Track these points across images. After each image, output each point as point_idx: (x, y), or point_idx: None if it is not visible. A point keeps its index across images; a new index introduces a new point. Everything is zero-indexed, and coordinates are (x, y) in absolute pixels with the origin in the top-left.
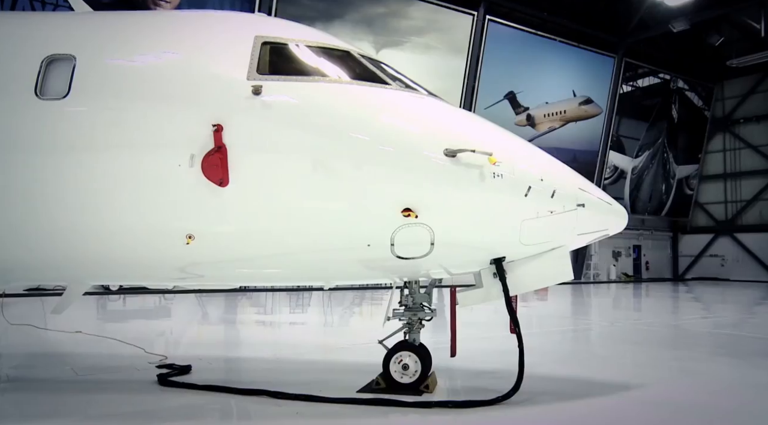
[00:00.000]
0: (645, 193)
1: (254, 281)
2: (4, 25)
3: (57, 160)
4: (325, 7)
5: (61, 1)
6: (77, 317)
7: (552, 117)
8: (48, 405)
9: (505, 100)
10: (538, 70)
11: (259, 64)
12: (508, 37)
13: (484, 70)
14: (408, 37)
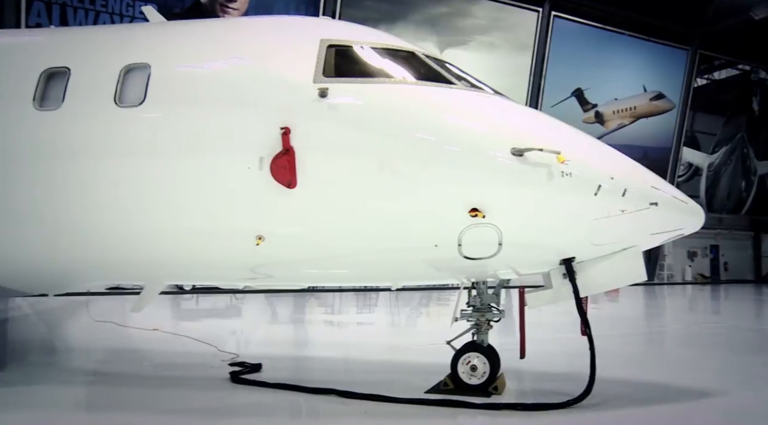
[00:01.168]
0: (723, 190)
1: (322, 281)
2: (87, 39)
3: (135, 165)
4: (388, 8)
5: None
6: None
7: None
8: (129, 398)
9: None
10: (606, 66)
11: (324, 67)
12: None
13: (550, 68)
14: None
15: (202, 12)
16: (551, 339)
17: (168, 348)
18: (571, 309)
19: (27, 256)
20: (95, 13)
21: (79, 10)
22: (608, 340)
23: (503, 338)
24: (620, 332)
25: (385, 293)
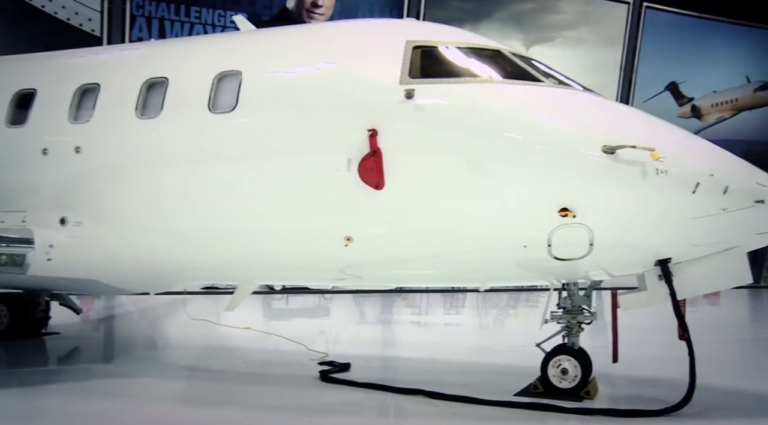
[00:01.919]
0: None
1: (410, 282)
2: (183, 50)
3: (228, 169)
4: (472, 7)
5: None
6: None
7: (721, 106)
8: (223, 394)
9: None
10: (703, 57)
11: (410, 68)
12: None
13: (642, 61)
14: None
15: (289, 19)
16: (646, 342)
17: (259, 346)
18: (667, 312)
19: (132, 257)
20: (190, 24)
21: (176, 23)
22: (708, 345)
23: (595, 341)
24: (722, 337)
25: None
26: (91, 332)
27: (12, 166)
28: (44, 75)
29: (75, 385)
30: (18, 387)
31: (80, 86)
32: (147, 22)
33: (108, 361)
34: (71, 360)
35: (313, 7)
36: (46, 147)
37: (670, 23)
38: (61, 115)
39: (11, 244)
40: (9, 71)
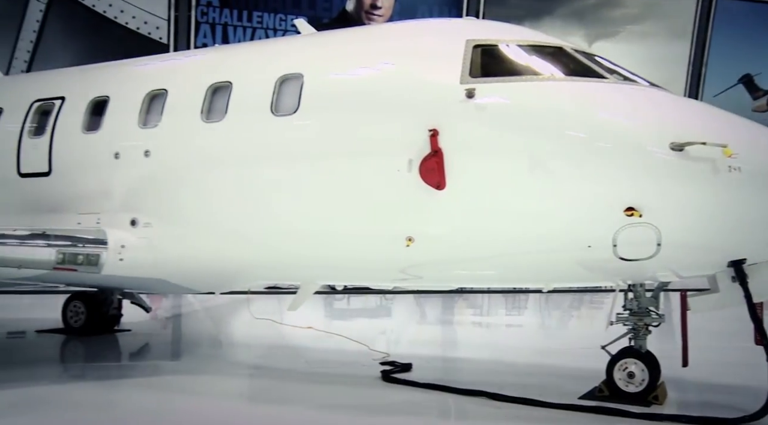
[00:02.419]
0: None
1: (471, 282)
2: (246, 54)
3: (290, 170)
4: (533, 4)
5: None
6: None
7: None
8: (286, 392)
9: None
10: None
11: (471, 68)
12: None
13: (713, 54)
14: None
15: (349, 20)
16: (718, 347)
17: (321, 346)
18: (741, 315)
19: (198, 257)
20: (252, 29)
21: (238, 28)
22: None
23: (663, 344)
24: None
25: (535, 295)
26: (160, 329)
27: (88, 170)
28: (116, 82)
29: (145, 380)
30: (94, 381)
31: (149, 92)
32: (211, 29)
33: (176, 358)
34: (141, 356)
35: (372, 9)
36: (118, 151)
37: (743, 12)
38: (132, 120)
39: (87, 244)
40: (85, 80)
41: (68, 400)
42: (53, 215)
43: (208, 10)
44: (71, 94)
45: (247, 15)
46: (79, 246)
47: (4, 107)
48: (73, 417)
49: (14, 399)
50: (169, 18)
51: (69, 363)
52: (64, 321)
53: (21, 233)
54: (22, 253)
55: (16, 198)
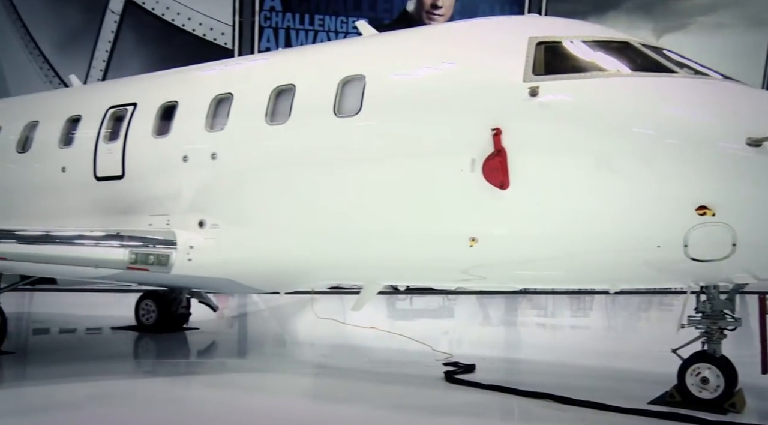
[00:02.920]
0: None
1: (535, 283)
2: (308, 57)
3: (353, 171)
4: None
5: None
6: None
7: None
8: (348, 392)
9: None
10: None
11: (534, 65)
12: None
13: None
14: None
15: (410, 21)
16: None
17: (384, 346)
18: None
19: (263, 258)
20: (314, 32)
21: (301, 32)
22: None
23: (740, 349)
24: None
25: (600, 297)
26: (227, 328)
27: (158, 173)
28: (184, 88)
29: (212, 377)
30: (164, 376)
31: (215, 96)
32: (274, 33)
33: (241, 356)
34: (209, 354)
35: (432, 9)
36: (186, 155)
37: None
38: (199, 124)
39: (158, 245)
40: (155, 86)
41: (141, 395)
42: (126, 216)
43: (271, 14)
44: (143, 100)
45: (309, 18)
46: (150, 247)
47: (82, 114)
48: (146, 411)
49: (92, 391)
50: (234, 24)
51: (141, 358)
52: (137, 319)
53: (97, 234)
54: (99, 253)
55: (93, 201)
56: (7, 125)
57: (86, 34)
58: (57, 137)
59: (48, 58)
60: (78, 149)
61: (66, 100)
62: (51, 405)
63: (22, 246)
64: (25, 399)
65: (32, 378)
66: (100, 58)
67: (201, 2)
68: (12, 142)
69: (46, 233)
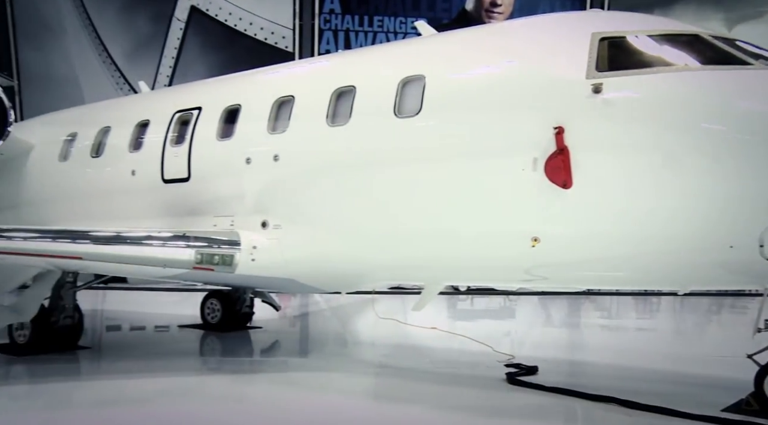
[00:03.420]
0: None
1: (599, 284)
2: (368, 59)
3: (414, 172)
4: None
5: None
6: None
7: None
8: (410, 391)
9: None
10: None
11: (597, 62)
12: None
13: None
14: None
15: (469, 20)
16: None
17: (445, 346)
18: None
19: (325, 258)
20: (373, 34)
21: (360, 34)
22: None
23: None
24: None
25: (668, 298)
26: (289, 327)
27: (222, 175)
28: (247, 91)
29: (275, 375)
30: (229, 374)
31: (277, 99)
32: (334, 35)
33: (303, 355)
34: (272, 353)
35: (492, 7)
36: (249, 157)
37: None
38: (262, 127)
39: (222, 245)
40: (219, 90)
41: (207, 391)
42: (192, 217)
43: (330, 17)
44: (207, 104)
45: (368, 20)
46: (215, 247)
47: (150, 118)
48: (211, 407)
49: (161, 386)
50: (294, 27)
51: (207, 356)
52: (202, 318)
53: (165, 234)
54: (166, 253)
55: (161, 202)
56: (82, 131)
57: (154, 41)
58: (127, 142)
59: (119, 66)
60: (146, 153)
61: (135, 105)
62: (123, 398)
63: (96, 246)
64: (100, 392)
65: (106, 372)
66: (167, 65)
67: (262, 7)
68: (86, 147)
69: (117, 234)
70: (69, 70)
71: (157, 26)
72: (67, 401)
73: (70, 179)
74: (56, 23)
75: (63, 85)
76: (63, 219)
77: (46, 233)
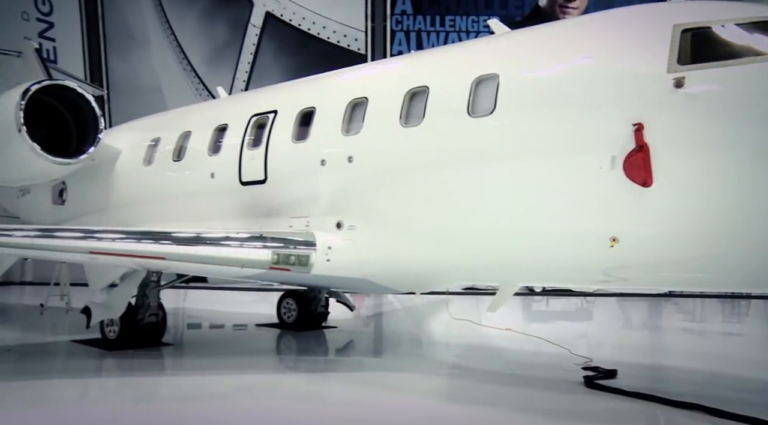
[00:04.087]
0: None
1: (682, 286)
2: (440, 59)
3: (489, 171)
4: None
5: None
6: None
7: None
8: (484, 393)
9: None
10: None
11: (679, 54)
12: None
13: None
14: None
15: (542, 17)
16: None
17: (520, 348)
18: None
19: (400, 258)
20: (445, 33)
21: (432, 34)
22: None
23: None
24: None
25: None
26: (363, 327)
27: (298, 177)
28: (321, 94)
29: (350, 375)
30: (305, 372)
31: (351, 101)
32: (405, 36)
33: (378, 355)
34: (347, 352)
35: (566, 2)
36: (324, 159)
37: None
38: (336, 128)
39: (298, 246)
40: (293, 93)
41: (283, 389)
42: (268, 218)
43: (402, 18)
44: (282, 108)
45: (440, 20)
46: (291, 248)
47: (228, 122)
48: (288, 405)
49: (239, 383)
50: (366, 29)
51: (283, 354)
52: (279, 317)
53: (242, 235)
54: (244, 254)
55: (239, 204)
56: (164, 136)
57: (231, 48)
58: (206, 146)
59: (198, 73)
60: (225, 156)
61: (214, 110)
62: (203, 394)
63: (178, 247)
64: (182, 387)
65: (187, 369)
66: (243, 70)
67: (335, 11)
68: (169, 151)
69: (198, 235)
70: (152, 78)
71: (234, 33)
72: (152, 394)
73: (154, 182)
74: (141, 34)
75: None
76: (147, 221)
77: (132, 235)
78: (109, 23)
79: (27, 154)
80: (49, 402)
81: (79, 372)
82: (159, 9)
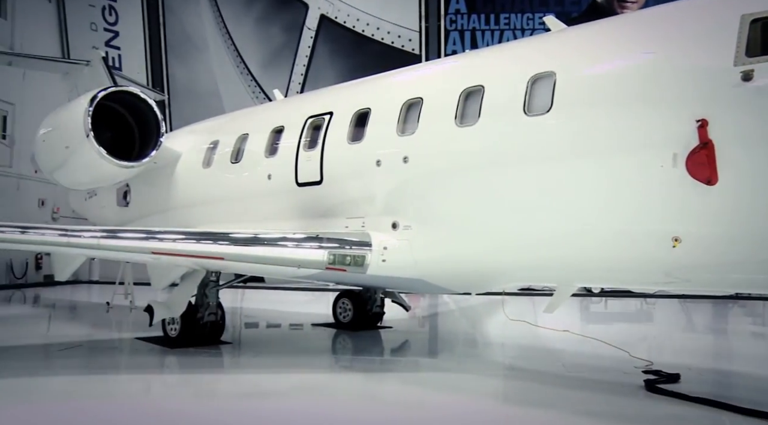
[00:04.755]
0: None
1: (748, 288)
2: (495, 57)
3: (545, 170)
4: None
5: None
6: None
7: None
8: (542, 395)
9: None
10: None
11: (748, 46)
12: None
13: None
14: None
15: (600, 12)
16: None
17: (578, 350)
18: None
19: (455, 258)
20: (500, 32)
21: (486, 32)
22: None
23: None
24: None
25: None
26: (419, 327)
27: (353, 178)
28: (376, 95)
29: (405, 375)
30: (361, 372)
31: (406, 101)
32: (460, 35)
33: (433, 355)
34: (402, 352)
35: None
36: (379, 159)
37: None
38: (391, 129)
39: (354, 246)
40: (349, 95)
41: (339, 388)
42: (324, 219)
43: (456, 17)
44: (338, 109)
45: (494, 18)
46: (347, 248)
47: (284, 124)
48: (344, 404)
49: (296, 382)
50: (420, 29)
51: (339, 354)
52: (334, 316)
53: (299, 236)
54: (300, 254)
55: (295, 205)
56: (222, 139)
57: (286, 51)
58: (263, 147)
59: (254, 76)
60: (281, 158)
61: (270, 113)
62: (260, 391)
63: (236, 247)
64: (240, 384)
65: (245, 367)
66: (299, 72)
67: (388, 12)
68: (227, 153)
69: (255, 236)
70: (211, 82)
71: (289, 36)
72: (212, 391)
73: (213, 184)
74: (200, 40)
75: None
76: (206, 221)
77: (191, 235)
78: (169, 31)
79: (94, 158)
80: (116, 396)
81: (143, 369)
82: (217, 15)
